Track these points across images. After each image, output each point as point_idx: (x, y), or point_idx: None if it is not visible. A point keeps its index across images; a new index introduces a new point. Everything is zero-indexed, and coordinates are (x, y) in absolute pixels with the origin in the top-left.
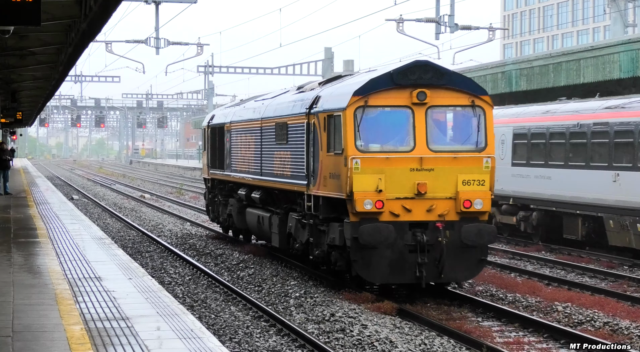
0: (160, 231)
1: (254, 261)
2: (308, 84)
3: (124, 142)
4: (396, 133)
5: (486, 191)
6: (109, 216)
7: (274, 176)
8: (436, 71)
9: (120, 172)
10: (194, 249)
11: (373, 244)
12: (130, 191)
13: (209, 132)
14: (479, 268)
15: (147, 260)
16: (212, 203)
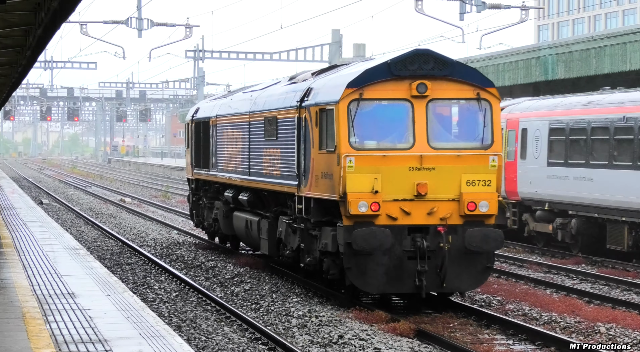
0: (143, 240)
1: (251, 275)
2: (301, 74)
3: (101, 138)
4: (394, 129)
5: (492, 193)
6: (84, 222)
7: (262, 176)
8: (438, 61)
9: (96, 173)
10: (181, 261)
11: (368, 250)
12: (109, 194)
13: (193, 127)
14: (485, 277)
15: (127, 273)
16: (197, 207)
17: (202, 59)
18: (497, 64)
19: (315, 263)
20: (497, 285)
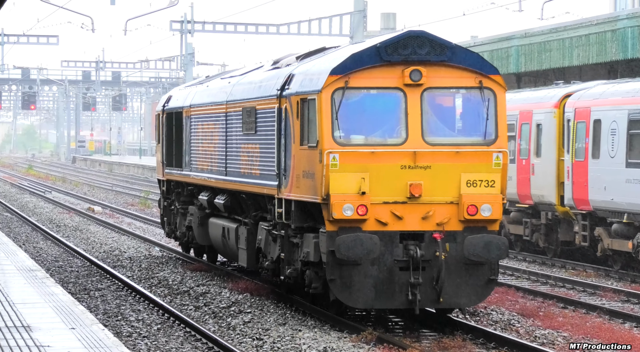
0: (117, 260)
1: (252, 303)
2: (285, 57)
3: (63, 132)
4: (384, 122)
5: (496, 195)
6: (43, 237)
7: (240, 176)
8: (434, 44)
9: (58, 175)
10: (165, 286)
11: (353, 260)
12: (74, 201)
13: (164, 119)
14: (487, 291)
15: (97, 301)
16: (168, 213)
17: (190, 33)
18: (563, 38)
19: (297, 275)
20: (563, 317)
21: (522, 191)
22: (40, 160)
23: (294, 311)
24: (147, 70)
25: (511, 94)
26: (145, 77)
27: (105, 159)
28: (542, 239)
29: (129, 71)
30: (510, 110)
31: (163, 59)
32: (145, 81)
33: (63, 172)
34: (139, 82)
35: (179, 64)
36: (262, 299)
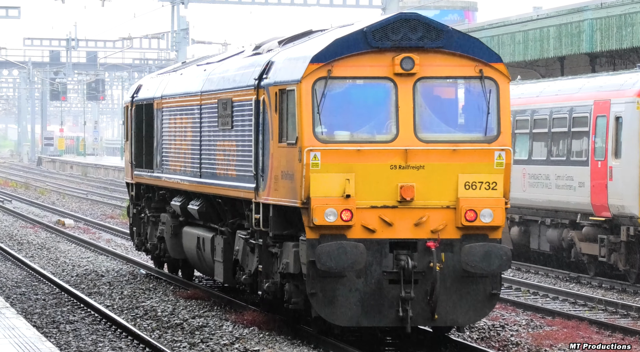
0: (93, 285)
1: (260, 339)
2: (268, 41)
3: (26, 126)
4: (372, 116)
5: (498, 198)
6: (1, 257)
7: (216, 178)
8: (429, 29)
9: (20, 180)
10: (152, 318)
11: (337, 271)
12: (39, 213)
13: (133, 111)
14: (489, 306)
15: (69, 337)
16: (137, 221)
17: (184, 3)
18: None
19: (275, 289)
20: None
21: (596, 200)
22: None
23: (312, 349)
24: (130, 50)
25: (584, 80)
26: (128, 59)
27: (78, 161)
28: (623, 261)
29: (108, 51)
30: (582, 100)
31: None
32: (128, 64)
33: (26, 176)
34: (120, 64)
35: (169, 43)
36: (272, 334)
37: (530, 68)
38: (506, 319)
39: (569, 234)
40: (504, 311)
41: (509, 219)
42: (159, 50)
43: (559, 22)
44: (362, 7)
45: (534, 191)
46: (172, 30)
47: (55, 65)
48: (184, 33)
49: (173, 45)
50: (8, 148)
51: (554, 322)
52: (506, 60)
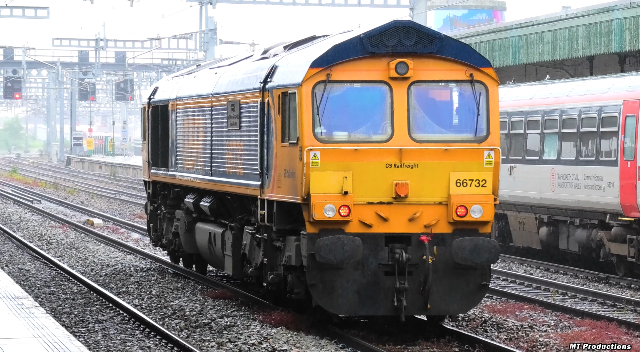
0: (122, 285)
1: (288, 339)
2: (275, 46)
3: (55, 126)
4: (368, 117)
5: (487, 195)
6: (30, 257)
7: (225, 176)
8: (422, 35)
9: (49, 180)
10: (180, 317)
11: (334, 263)
12: (68, 212)
13: (150, 113)
14: (479, 296)
15: (97, 336)
16: (154, 218)
17: (212, 3)
18: None
19: (279, 281)
20: None
21: (626, 200)
22: (26, 162)
23: (341, 349)
24: (159, 50)
25: (613, 79)
26: (157, 59)
27: (107, 160)
28: None
29: (136, 52)
30: (612, 100)
31: (178, 36)
32: (157, 64)
33: (55, 176)
34: (149, 65)
35: (197, 43)
36: (300, 334)
37: (559, 68)
38: (535, 319)
39: (597, 235)
40: (533, 312)
41: (538, 219)
42: (187, 50)
43: (588, 21)
44: (389, 7)
45: (563, 191)
46: (200, 30)
47: (84, 65)
48: (212, 33)
49: (201, 45)
50: (37, 148)
51: (582, 323)
52: (535, 59)
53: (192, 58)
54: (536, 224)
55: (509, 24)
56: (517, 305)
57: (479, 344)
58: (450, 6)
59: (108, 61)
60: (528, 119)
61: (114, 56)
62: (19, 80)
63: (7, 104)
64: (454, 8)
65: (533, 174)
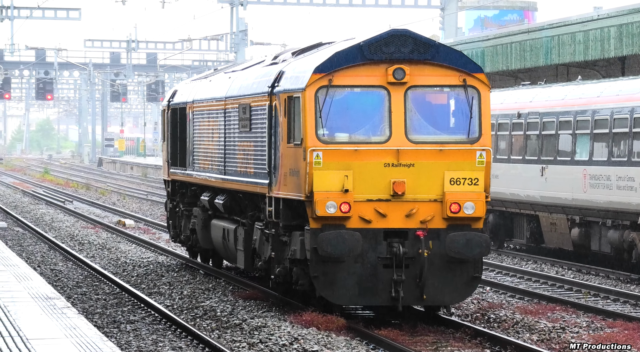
0: (153, 285)
1: (319, 340)
2: (284, 52)
3: (87, 127)
4: (368, 120)
5: (480, 192)
6: (62, 258)
7: (237, 175)
8: (418, 43)
9: (81, 180)
10: (211, 318)
11: (335, 256)
12: (100, 213)
13: (169, 115)
14: (471, 288)
15: (129, 336)
16: (173, 215)
17: (243, 5)
18: None
19: (285, 273)
20: None
21: None
22: (58, 163)
23: (372, 350)
24: (190, 51)
25: None
26: (188, 61)
27: (138, 161)
28: None
29: (168, 53)
30: None
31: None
32: (188, 65)
33: (87, 177)
34: (180, 66)
35: (228, 44)
36: (331, 335)
37: (591, 68)
38: (567, 320)
39: (630, 236)
40: (565, 313)
41: (570, 220)
42: (217, 51)
43: (620, 22)
44: (420, 7)
45: (595, 192)
46: (231, 31)
47: (116, 66)
48: (243, 34)
49: (232, 46)
50: (69, 149)
51: (614, 324)
52: (566, 60)
53: (223, 59)
54: (568, 225)
55: (540, 25)
56: (549, 306)
57: (510, 345)
58: (482, 7)
59: (139, 62)
60: (560, 119)
61: (146, 57)
62: (50, 81)
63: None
64: (485, 8)
65: (565, 175)
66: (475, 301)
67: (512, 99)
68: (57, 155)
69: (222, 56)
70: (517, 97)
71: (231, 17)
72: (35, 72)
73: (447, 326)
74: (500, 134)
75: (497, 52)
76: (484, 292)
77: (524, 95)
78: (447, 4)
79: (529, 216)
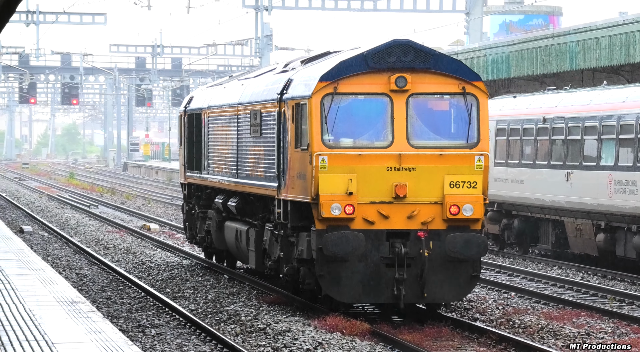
0: (178, 289)
1: (343, 344)
2: (295, 61)
3: (112, 132)
4: (371, 125)
5: (478, 195)
6: (87, 262)
7: (249, 178)
8: (419, 52)
9: (106, 185)
10: (236, 322)
11: (340, 256)
12: (125, 217)
13: (186, 120)
14: (470, 286)
15: (154, 341)
16: (190, 217)
17: (267, 10)
18: None
19: (293, 272)
20: None
21: None
22: (84, 167)
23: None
24: (215, 56)
25: None
26: (212, 66)
27: (163, 166)
28: None
29: (192, 58)
30: None
31: (234, 42)
32: (212, 70)
33: (112, 181)
34: (205, 71)
35: (253, 49)
36: (355, 340)
37: (617, 73)
38: (592, 326)
39: None
40: (590, 319)
41: (595, 225)
42: (242, 56)
43: None
44: (445, 12)
45: (620, 198)
46: (256, 36)
47: (141, 71)
48: (267, 39)
49: (256, 51)
50: (94, 154)
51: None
52: (592, 65)
53: (248, 64)
54: (593, 230)
55: (566, 29)
56: (574, 312)
57: (535, 351)
58: (507, 11)
59: (164, 67)
60: (585, 124)
61: (171, 62)
62: (76, 86)
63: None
64: (510, 13)
65: (590, 180)
66: (500, 307)
67: (537, 104)
68: (83, 159)
69: (246, 61)
70: (542, 102)
71: (256, 22)
72: (61, 77)
73: (472, 331)
74: (526, 139)
75: (523, 56)
76: (508, 297)
77: (550, 100)
78: (472, 8)
79: (554, 221)
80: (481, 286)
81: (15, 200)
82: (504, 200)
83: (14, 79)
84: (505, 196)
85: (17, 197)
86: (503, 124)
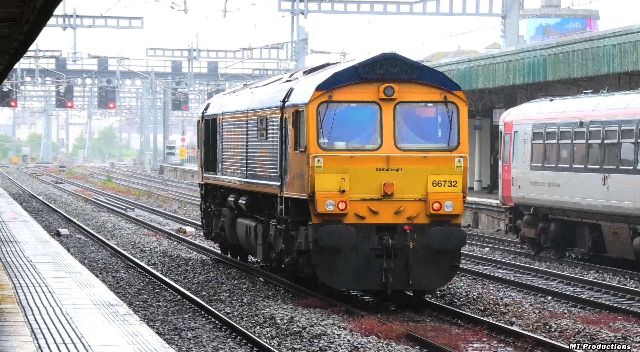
0: (214, 292)
1: (379, 348)
2: (298, 71)
3: (149, 136)
4: (362, 130)
5: (458, 193)
6: (124, 265)
7: (256, 178)
8: (405, 65)
9: (142, 188)
10: (272, 325)
11: (333, 247)
12: (161, 220)
13: (203, 125)
14: (451, 275)
15: (190, 343)
16: (207, 215)
17: (303, 13)
18: None
19: (294, 263)
20: None
21: None
22: (120, 171)
23: None
24: (250, 60)
25: None
26: (248, 69)
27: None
28: None
29: (228, 62)
30: None
31: (270, 46)
32: (248, 74)
33: (148, 185)
34: (241, 75)
35: (289, 53)
36: (390, 344)
37: None
38: (629, 330)
39: None
40: (627, 323)
41: (632, 229)
42: (278, 60)
43: None
44: (481, 16)
45: None
46: (292, 40)
47: (177, 75)
48: (303, 43)
49: (292, 55)
50: (131, 157)
51: None
52: (629, 68)
53: (283, 68)
54: (630, 234)
55: (602, 33)
56: (611, 316)
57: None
58: (543, 15)
59: (200, 71)
60: (622, 128)
61: (207, 66)
62: (113, 89)
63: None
64: (547, 17)
65: (627, 184)
66: (537, 311)
67: (574, 108)
68: (119, 163)
69: (282, 65)
70: (579, 105)
71: (292, 26)
72: (98, 81)
73: (508, 335)
74: (562, 142)
75: (559, 60)
76: (545, 301)
77: (586, 104)
78: (509, 12)
79: (591, 225)
80: (517, 290)
81: (52, 203)
82: (540, 204)
83: (51, 83)
84: (541, 200)
85: (53, 200)
86: (539, 127)
